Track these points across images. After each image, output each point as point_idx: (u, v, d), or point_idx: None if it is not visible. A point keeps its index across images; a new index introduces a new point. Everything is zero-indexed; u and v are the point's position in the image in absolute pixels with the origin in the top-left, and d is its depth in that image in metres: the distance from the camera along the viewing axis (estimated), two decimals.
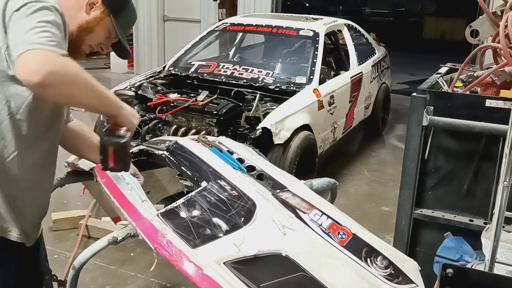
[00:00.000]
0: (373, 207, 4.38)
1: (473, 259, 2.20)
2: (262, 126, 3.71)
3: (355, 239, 1.69)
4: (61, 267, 3.00)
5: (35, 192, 1.66)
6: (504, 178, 1.57)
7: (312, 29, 4.94)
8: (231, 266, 1.41)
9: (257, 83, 4.41)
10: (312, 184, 2.09)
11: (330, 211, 1.79)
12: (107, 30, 1.67)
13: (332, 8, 18.63)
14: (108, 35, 1.68)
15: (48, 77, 1.33)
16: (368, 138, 6.15)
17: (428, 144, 2.45)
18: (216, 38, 5.58)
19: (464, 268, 1.67)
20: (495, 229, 1.62)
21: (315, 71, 4.50)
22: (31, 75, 1.33)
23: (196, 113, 4.06)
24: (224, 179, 1.81)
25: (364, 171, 5.20)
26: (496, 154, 2.31)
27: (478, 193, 2.46)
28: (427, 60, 8.27)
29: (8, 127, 1.51)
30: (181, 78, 4.75)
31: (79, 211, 3.82)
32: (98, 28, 1.64)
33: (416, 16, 18.93)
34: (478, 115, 2.31)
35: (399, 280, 1.61)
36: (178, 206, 1.63)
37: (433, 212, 2.54)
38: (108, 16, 1.64)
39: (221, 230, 1.54)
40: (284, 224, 1.62)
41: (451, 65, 3.22)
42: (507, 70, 2.44)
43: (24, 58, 1.33)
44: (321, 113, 4.39)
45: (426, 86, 2.61)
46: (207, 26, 6.52)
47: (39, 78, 1.32)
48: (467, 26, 2.81)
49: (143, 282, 3.17)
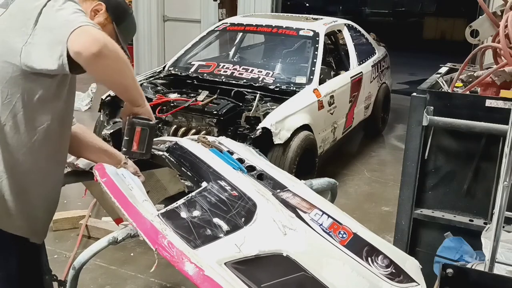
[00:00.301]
0: (373, 207, 4.38)
1: (473, 259, 2.20)
2: (262, 126, 3.71)
3: (355, 238, 1.69)
4: (61, 267, 3.00)
5: (46, 187, 1.71)
6: (504, 178, 1.58)
7: (312, 29, 4.93)
8: (232, 267, 1.41)
9: (257, 83, 4.41)
10: (312, 184, 2.09)
11: (331, 210, 1.79)
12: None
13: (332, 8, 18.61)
14: None
15: (104, 48, 1.47)
16: (368, 138, 6.15)
17: (428, 144, 2.46)
18: (216, 38, 5.58)
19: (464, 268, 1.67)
20: (495, 229, 1.62)
21: (315, 71, 4.50)
22: (90, 45, 1.45)
23: (196, 113, 4.06)
24: (224, 179, 1.81)
25: (364, 171, 5.20)
26: (496, 154, 2.31)
27: (478, 193, 2.46)
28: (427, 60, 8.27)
29: (22, 120, 1.57)
30: (181, 78, 4.74)
31: (79, 211, 3.83)
32: None
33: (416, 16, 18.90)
34: (478, 115, 2.31)
35: (400, 279, 1.61)
36: (178, 207, 1.63)
37: (433, 212, 2.54)
38: (111, 23, 1.75)
39: (222, 230, 1.55)
40: (285, 224, 1.62)
41: (451, 65, 3.22)
42: (507, 70, 2.44)
43: (78, 33, 1.45)
44: (321, 113, 4.39)
45: (426, 86, 2.61)
46: (207, 26, 6.52)
47: (97, 48, 1.45)
48: (467, 26, 2.81)
49: (143, 282, 3.17)
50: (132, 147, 1.70)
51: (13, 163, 1.58)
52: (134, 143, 1.69)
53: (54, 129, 1.65)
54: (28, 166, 1.61)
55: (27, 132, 1.58)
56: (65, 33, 1.45)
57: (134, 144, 1.69)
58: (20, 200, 1.61)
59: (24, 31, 1.50)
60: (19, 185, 1.60)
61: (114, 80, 1.63)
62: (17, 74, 1.53)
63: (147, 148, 1.74)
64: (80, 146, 1.92)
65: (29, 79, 1.54)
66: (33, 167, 1.62)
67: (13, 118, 1.55)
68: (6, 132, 1.56)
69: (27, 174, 1.61)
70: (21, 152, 1.58)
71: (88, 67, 1.51)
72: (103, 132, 3.94)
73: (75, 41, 1.44)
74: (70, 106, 1.73)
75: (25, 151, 1.59)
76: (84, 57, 1.46)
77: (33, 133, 1.59)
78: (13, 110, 1.55)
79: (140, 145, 1.71)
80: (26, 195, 1.63)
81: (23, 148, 1.58)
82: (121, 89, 1.70)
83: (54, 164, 1.72)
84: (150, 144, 1.76)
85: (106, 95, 4.20)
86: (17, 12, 1.54)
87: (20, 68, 1.52)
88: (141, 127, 1.70)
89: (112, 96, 4.14)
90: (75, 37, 1.44)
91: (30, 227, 1.67)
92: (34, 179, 1.64)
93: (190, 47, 5.23)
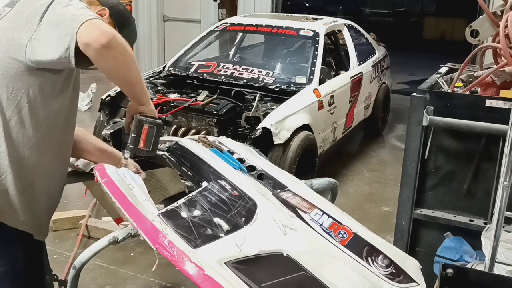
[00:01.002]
0: (373, 207, 4.38)
1: (473, 259, 2.20)
2: (262, 126, 3.71)
3: (356, 238, 1.70)
4: (61, 267, 3.00)
5: (50, 182, 1.73)
6: (504, 178, 1.58)
7: (312, 29, 4.94)
8: (233, 266, 1.42)
9: (257, 83, 4.41)
10: (312, 184, 2.09)
11: (331, 210, 1.79)
12: None
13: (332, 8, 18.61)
14: None
15: (113, 40, 1.51)
16: (368, 138, 6.15)
17: (428, 144, 2.46)
18: (216, 38, 5.58)
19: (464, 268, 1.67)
20: (495, 229, 1.62)
21: (315, 71, 4.51)
22: (99, 36, 1.49)
23: (196, 113, 4.06)
24: (225, 179, 1.82)
25: (364, 171, 5.20)
26: (496, 154, 2.31)
27: (478, 193, 2.46)
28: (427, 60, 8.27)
29: (28, 115, 1.59)
30: (181, 78, 4.74)
31: (79, 211, 3.83)
32: None
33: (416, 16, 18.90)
34: (478, 115, 2.31)
35: (400, 279, 1.61)
36: (179, 206, 1.63)
37: (433, 212, 2.54)
38: (114, 28, 1.76)
39: (222, 230, 1.55)
40: (285, 223, 1.62)
41: (451, 65, 3.22)
42: (507, 70, 2.44)
43: (87, 26, 1.49)
44: (321, 113, 4.39)
45: (426, 86, 2.62)
46: (207, 26, 6.52)
47: (107, 39, 1.49)
48: (467, 26, 2.81)
49: (143, 282, 3.18)
50: (139, 144, 1.72)
51: (18, 158, 1.60)
52: (141, 140, 1.71)
53: (58, 125, 1.68)
54: (33, 161, 1.63)
55: (32, 127, 1.60)
56: (74, 25, 1.49)
57: (141, 142, 1.71)
58: (25, 195, 1.63)
59: (29, 28, 1.53)
60: (25, 180, 1.63)
61: (121, 74, 1.65)
62: (22, 70, 1.56)
63: (154, 146, 1.76)
64: (79, 147, 1.94)
65: (34, 75, 1.56)
66: (38, 163, 1.64)
67: (18, 113, 1.58)
68: (11, 127, 1.58)
69: (33, 169, 1.64)
70: (27, 147, 1.61)
71: (96, 59, 1.54)
72: (103, 132, 3.94)
73: (85, 33, 1.48)
74: (74, 104, 1.76)
75: (30, 147, 1.61)
76: (93, 48, 1.49)
77: (37, 128, 1.61)
78: (18, 106, 1.57)
79: (147, 142, 1.73)
80: (31, 190, 1.65)
81: (28, 143, 1.61)
82: (126, 84, 1.72)
83: (58, 161, 1.75)
84: (157, 143, 1.78)
85: (106, 95, 4.20)
86: (23, 10, 1.57)
87: (25, 64, 1.54)
88: (149, 124, 1.72)
89: (112, 96, 4.14)
90: (84, 29, 1.49)
91: (34, 223, 1.69)
92: (40, 175, 1.67)
93: (190, 47, 5.23)
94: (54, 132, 1.67)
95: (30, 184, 1.65)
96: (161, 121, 1.78)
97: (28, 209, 1.65)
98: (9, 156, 1.58)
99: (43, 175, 1.68)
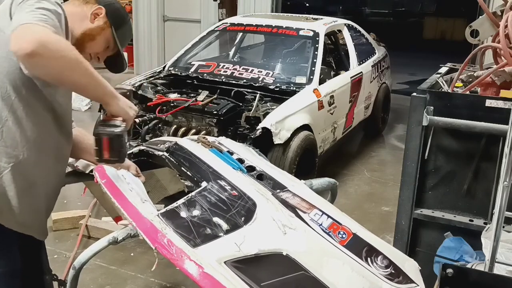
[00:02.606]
0: (373, 207, 4.38)
1: (473, 259, 2.20)
2: (262, 126, 3.71)
3: (355, 238, 1.70)
4: (61, 267, 3.00)
5: (48, 183, 1.72)
6: (504, 178, 1.58)
7: (312, 29, 4.93)
8: (232, 265, 1.42)
9: (257, 83, 4.41)
10: (312, 184, 2.09)
11: (330, 210, 1.79)
12: (106, 41, 1.79)
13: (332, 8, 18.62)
14: (107, 46, 1.81)
15: (39, 47, 1.37)
16: (368, 138, 6.15)
17: (428, 144, 2.46)
18: (216, 38, 5.58)
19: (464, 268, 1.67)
20: (495, 229, 1.62)
21: (315, 71, 4.50)
22: (23, 43, 1.37)
23: (196, 113, 4.06)
24: (224, 179, 1.82)
25: (364, 171, 5.20)
26: (496, 154, 2.31)
27: (478, 193, 2.46)
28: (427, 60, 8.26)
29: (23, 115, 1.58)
30: (181, 78, 4.74)
31: (79, 211, 3.82)
32: (99, 37, 1.76)
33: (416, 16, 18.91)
34: (478, 115, 2.31)
35: (400, 280, 1.61)
36: (178, 206, 1.63)
37: (433, 212, 2.54)
38: (109, 27, 1.77)
39: (222, 229, 1.55)
40: (285, 223, 1.62)
41: (451, 65, 3.22)
42: (507, 70, 2.44)
43: (18, 32, 1.40)
44: (321, 113, 4.39)
45: (426, 86, 2.62)
46: (207, 26, 6.52)
47: (31, 47, 1.36)
48: (467, 26, 2.81)
49: (143, 282, 3.17)
50: (103, 156, 1.62)
51: (17, 158, 1.59)
52: (105, 151, 1.60)
53: (53, 125, 1.67)
54: (33, 160, 1.62)
55: (28, 127, 1.59)
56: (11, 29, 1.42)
57: (105, 153, 1.61)
58: (26, 194, 1.62)
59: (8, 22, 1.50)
60: (26, 179, 1.62)
61: (61, 80, 1.53)
62: (14, 69, 1.54)
63: (120, 155, 1.64)
64: (79, 147, 1.93)
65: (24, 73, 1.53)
66: (37, 162, 1.64)
67: (13, 113, 1.57)
68: (9, 127, 1.57)
69: (32, 168, 1.63)
70: (26, 147, 1.60)
71: (27, 68, 1.47)
72: None
73: (13, 40, 1.40)
74: (67, 103, 1.74)
75: (28, 146, 1.60)
76: (19, 57, 1.41)
77: (33, 128, 1.60)
78: (13, 106, 1.56)
79: (111, 153, 1.62)
80: (32, 189, 1.65)
81: (27, 143, 1.60)
82: (75, 89, 1.61)
83: (55, 161, 1.74)
84: (122, 150, 1.65)
85: None
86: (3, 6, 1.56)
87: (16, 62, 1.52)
88: (108, 136, 1.60)
89: None
90: (14, 35, 1.40)
91: (33, 223, 1.68)
92: (40, 174, 1.66)
93: (190, 47, 5.23)
94: (48, 132, 1.66)
95: (32, 183, 1.64)
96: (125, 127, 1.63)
97: (29, 209, 1.65)
98: (7, 156, 1.58)
99: (43, 175, 1.68)
